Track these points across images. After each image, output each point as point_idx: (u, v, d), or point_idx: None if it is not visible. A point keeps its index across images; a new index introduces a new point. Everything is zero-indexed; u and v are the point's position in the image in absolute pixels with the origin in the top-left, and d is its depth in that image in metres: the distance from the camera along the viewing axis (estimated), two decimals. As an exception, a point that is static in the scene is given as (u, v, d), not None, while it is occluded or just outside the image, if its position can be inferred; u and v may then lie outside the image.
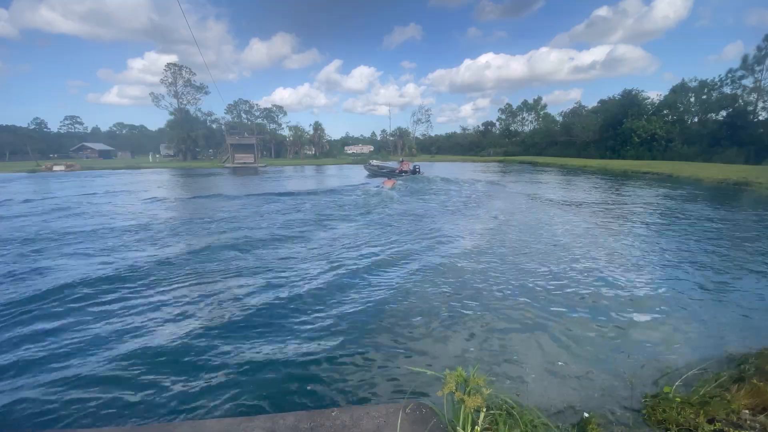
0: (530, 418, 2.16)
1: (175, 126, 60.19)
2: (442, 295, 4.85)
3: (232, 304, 4.64)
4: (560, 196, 14.64)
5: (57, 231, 8.87)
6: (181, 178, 28.94)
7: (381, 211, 11.26)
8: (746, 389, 2.57)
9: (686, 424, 2.23)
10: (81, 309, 4.51)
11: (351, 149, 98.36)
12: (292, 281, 5.39)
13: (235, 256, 6.72)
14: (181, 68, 58.84)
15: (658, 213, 10.73)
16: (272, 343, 3.68)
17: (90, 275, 5.63)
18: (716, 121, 39.94)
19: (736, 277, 5.49)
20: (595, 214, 10.65)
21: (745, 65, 36.87)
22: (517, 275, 5.56)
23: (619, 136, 45.61)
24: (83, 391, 2.97)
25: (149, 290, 5.11)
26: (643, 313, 4.31)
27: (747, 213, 10.57)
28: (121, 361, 3.38)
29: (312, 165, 50.59)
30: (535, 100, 78.46)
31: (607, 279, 5.40)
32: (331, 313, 4.35)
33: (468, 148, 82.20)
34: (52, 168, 40.25)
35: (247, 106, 71.43)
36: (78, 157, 69.33)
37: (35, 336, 3.87)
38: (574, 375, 3.18)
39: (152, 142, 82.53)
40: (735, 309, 4.43)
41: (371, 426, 2.13)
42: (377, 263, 6.19)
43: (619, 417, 2.56)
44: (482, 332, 3.90)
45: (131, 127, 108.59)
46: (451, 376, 1.92)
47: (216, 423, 2.24)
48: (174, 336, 3.82)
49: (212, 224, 9.67)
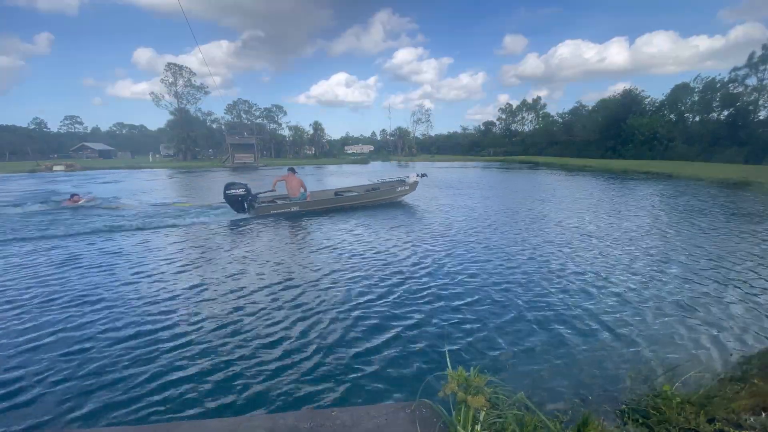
0: (529, 417, 2.16)
1: (175, 126, 60.18)
2: (437, 292, 4.86)
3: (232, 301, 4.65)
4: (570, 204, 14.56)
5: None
6: (203, 177, 28.92)
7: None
8: (747, 389, 2.57)
9: (686, 424, 2.23)
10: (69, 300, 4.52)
11: (351, 149, 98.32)
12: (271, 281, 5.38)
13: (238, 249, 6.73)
14: (181, 68, 58.79)
15: (662, 210, 10.74)
16: (273, 342, 3.68)
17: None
18: (717, 120, 39.90)
19: (740, 276, 5.48)
20: (598, 215, 10.66)
21: (750, 63, 36.57)
22: (513, 271, 5.57)
23: (620, 135, 45.58)
24: (82, 388, 2.97)
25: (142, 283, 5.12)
26: (643, 313, 4.31)
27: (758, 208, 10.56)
28: (118, 360, 3.38)
29: (312, 164, 50.61)
30: (535, 99, 78.39)
31: (607, 279, 5.40)
32: (323, 313, 4.35)
33: (468, 148, 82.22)
34: (52, 168, 40.22)
35: (247, 106, 71.40)
36: (78, 157, 69.31)
37: (34, 328, 3.87)
38: (573, 374, 3.18)
39: (152, 142, 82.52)
40: (737, 309, 4.43)
41: (372, 426, 2.13)
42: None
43: (618, 416, 2.56)
44: (481, 332, 3.90)
45: (131, 126, 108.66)
46: (453, 375, 1.93)
47: (216, 422, 2.24)
48: (170, 334, 3.82)
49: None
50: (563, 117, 65.23)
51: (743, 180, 18.10)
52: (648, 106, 47.88)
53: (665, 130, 41.57)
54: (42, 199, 14.47)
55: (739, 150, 32.30)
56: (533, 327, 4.00)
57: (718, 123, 38.60)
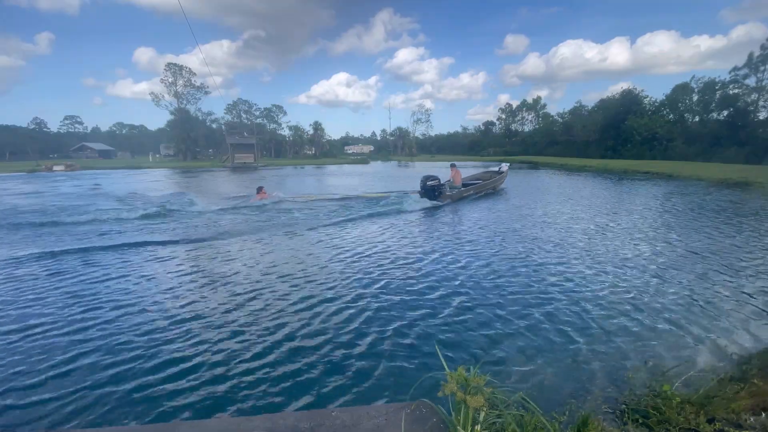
0: (529, 417, 2.16)
1: (175, 126, 60.19)
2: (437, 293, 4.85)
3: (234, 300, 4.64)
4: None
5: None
6: (220, 177, 28.93)
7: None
8: (747, 389, 2.57)
9: (686, 424, 2.23)
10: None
11: (351, 149, 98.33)
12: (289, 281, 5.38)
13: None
14: (181, 68, 58.81)
15: (662, 210, 10.74)
16: (274, 341, 3.68)
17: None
18: (717, 120, 39.89)
19: (740, 276, 5.48)
20: (596, 214, 10.66)
21: (749, 63, 36.52)
22: (519, 270, 5.56)
23: (620, 135, 45.60)
24: (82, 387, 2.97)
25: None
26: (643, 313, 4.31)
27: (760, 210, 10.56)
28: (115, 358, 3.38)
29: (312, 164, 50.61)
30: (535, 99, 78.43)
31: (608, 278, 5.40)
32: (320, 312, 4.35)
33: (469, 148, 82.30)
34: (52, 168, 40.25)
35: (247, 106, 71.45)
36: (78, 157, 69.36)
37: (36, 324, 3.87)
38: (573, 374, 3.18)
39: (152, 142, 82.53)
40: (737, 309, 4.43)
41: (372, 426, 2.13)
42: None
43: (618, 416, 2.56)
44: (479, 330, 3.90)
45: (131, 126, 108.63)
46: (452, 376, 1.92)
47: (216, 422, 2.24)
48: (169, 333, 3.82)
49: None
50: (563, 117, 65.23)
51: (743, 180, 18.09)
52: (648, 106, 47.88)
53: (665, 131, 41.57)
54: (234, 197, 14.88)
55: (739, 150, 32.29)
56: (533, 327, 4.00)
57: (718, 123, 38.59)
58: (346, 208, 11.87)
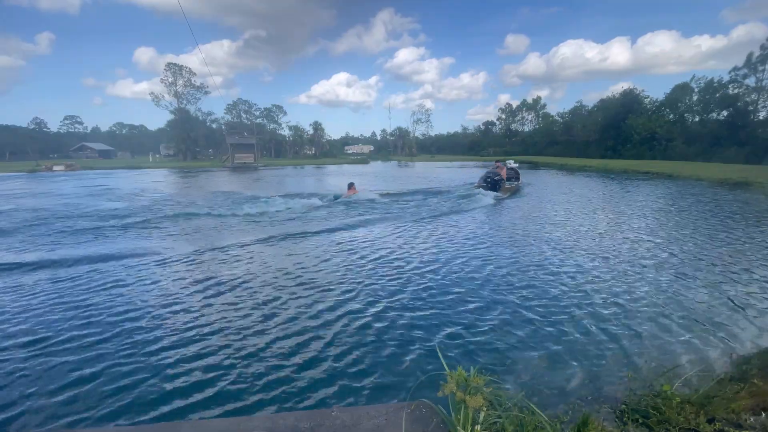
0: (529, 417, 2.15)
1: (175, 126, 60.18)
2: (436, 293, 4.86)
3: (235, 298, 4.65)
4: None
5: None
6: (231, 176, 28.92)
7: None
8: (747, 389, 2.57)
9: (686, 424, 2.23)
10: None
11: (351, 149, 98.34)
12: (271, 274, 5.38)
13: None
14: (181, 68, 58.81)
15: (663, 211, 10.74)
16: (274, 341, 3.69)
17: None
18: (716, 120, 39.86)
19: (740, 276, 5.48)
20: (595, 214, 10.65)
21: (749, 63, 36.51)
22: (515, 271, 5.56)
23: (620, 135, 45.58)
24: (82, 387, 2.97)
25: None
26: (643, 313, 4.31)
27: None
28: (114, 358, 3.38)
29: (312, 164, 50.62)
30: (535, 99, 78.46)
31: (607, 279, 5.40)
32: (322, 313, 4.35)
33: (469, 148, 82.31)
34: (51, 168, 40.26)
35: (247, 106, 71.44)
36: (78, 156, 69.33)
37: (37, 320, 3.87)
38: (573, 374, 3.18)
39: (152, 142, 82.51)
40: (737, 309, 4.43)
41: (372, 426, 2.13)
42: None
43: (618, 416, 2.56)
44: (479, 333, 3.89)
45: (131, 126, 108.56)
46: (452, 375, 1.92)
47: (216, 422, 2.24)
48: (170, 333, 3.82)
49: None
50: (563, 117, 65.23)
51: (743, 180, 18.09)
52: (648, 106, 47.88)
53: (665, 130, 41.57)
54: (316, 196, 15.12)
55: (739, 150, 32.28)
56: (533, 327, 3.99)
57: (718, 123, 38.59)
58: (425, 204, 13.05)
